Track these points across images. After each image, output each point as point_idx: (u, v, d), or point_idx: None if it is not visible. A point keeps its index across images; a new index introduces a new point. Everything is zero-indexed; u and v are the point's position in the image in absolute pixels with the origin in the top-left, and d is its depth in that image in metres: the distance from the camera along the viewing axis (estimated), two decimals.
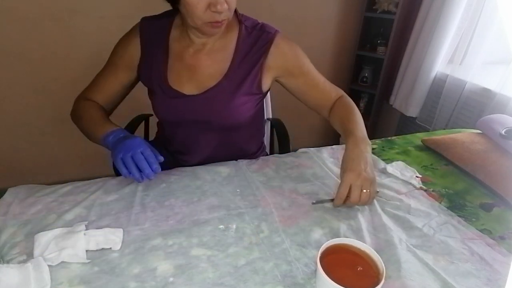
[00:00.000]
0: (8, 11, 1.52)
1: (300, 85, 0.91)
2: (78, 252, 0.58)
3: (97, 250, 0.60)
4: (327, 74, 2.12)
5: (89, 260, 0.58)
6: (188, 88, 0.85)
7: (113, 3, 1.67)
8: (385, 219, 0.73)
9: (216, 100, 0.84)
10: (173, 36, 0.85)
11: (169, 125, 0.96)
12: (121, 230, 0.64)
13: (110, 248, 0.60)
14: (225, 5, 0.71)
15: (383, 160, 0.99)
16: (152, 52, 0.86)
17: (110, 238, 0.61)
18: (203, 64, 0.85)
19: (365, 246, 0.56)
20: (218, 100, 0.84)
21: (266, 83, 0.89)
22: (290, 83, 0.91)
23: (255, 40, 0.85)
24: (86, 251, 0.59)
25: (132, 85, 0.94)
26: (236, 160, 0.93)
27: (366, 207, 0.77)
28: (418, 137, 1.17)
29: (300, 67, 0.89)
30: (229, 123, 0.88)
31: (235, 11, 0.85)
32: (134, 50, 0.86)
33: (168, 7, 0.80)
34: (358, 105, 2.37)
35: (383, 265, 0.52)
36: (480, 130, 1.12)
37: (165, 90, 0.85)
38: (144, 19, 0.87)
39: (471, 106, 1.77)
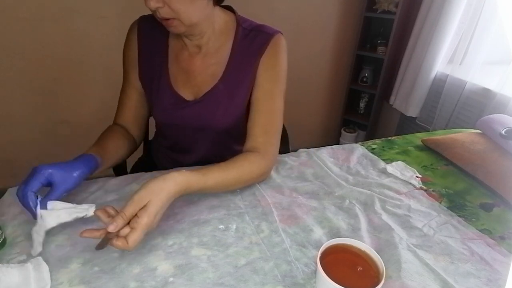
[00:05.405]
0: (8, 11, 1.52)
1: (253, 99, 0.82)
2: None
3: (97, 250, 0.60)
4: (327, 74, 2.16)
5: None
6: (184, 92, 0.83)
7: (113, 3, 1.67)
8: (385, 218, 0.73)
9: (211, 106, 0.82)
10: (172, 35, 0.84)
11: (163, 125, 0.95)
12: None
13: (85, 215, 0.61)
14: (154, 3, 0.65)
15: (383, 160, 0.99)
16: (151, 50, 0.84)
17: (83, 207, 0.62)
18: (197, 69, 0.82)
19: (365, 246, 0.56)
20: (213, 106, 0.82)
21: None
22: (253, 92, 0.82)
23: (252, 41, 0.80)
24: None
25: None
26: None
27: (366, 207, 0.77)
28: (418, 137, 1.17)
29: (265, 80, 0.81)
30: (225, 127, 0.85)
31: (234, 13, 0.84)
32: (134, 48, 0.85)
33: None
34: (358, 105, 2.41)
35: (383, 265, 0.52)
36: (480, 130, 1.12)
37: (161, 90, 0.84)
38: (143, 16, 0.85)
39: (471, 106, 1.78)
